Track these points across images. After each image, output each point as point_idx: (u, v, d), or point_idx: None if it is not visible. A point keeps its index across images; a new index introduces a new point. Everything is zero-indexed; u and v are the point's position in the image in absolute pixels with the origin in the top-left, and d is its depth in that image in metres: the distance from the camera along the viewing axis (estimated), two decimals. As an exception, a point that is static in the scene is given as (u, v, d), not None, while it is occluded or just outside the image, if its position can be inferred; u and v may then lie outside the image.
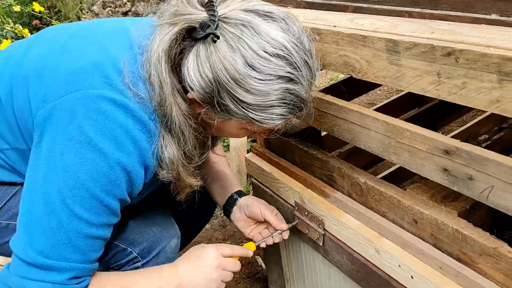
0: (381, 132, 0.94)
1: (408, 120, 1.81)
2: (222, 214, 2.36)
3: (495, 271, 0.84)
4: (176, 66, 0.87)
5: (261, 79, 0.82)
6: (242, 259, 1.12)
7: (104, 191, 0.87)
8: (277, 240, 1.25)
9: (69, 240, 0.87)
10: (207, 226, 2.30)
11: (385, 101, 1.79)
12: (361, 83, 1.66)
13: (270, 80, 0.83)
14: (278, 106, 0.86)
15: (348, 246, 1.14)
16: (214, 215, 2.38)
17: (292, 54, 0.83)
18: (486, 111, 2.07)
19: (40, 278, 0.87)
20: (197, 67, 0.84)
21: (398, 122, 0.90)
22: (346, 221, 1.12)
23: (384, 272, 1.04)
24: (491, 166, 0.75)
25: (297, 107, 0.88)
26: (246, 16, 0.83)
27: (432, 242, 0.95)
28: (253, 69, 0.82)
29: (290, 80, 0.84)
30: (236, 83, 0.83)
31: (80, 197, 0.86)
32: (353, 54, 0.93)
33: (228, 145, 2.77)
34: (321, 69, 1.06)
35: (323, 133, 1.62)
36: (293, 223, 1.27)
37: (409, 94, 1.96)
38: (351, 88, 1.66)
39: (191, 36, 0.85)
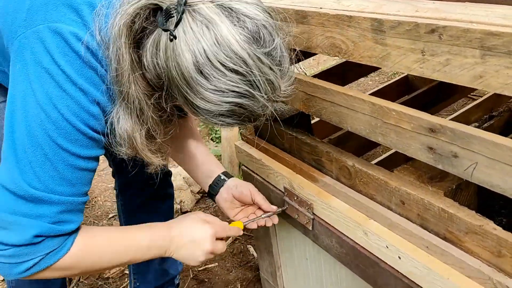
0: (368, 113, 0.94)
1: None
2: (214, 205, 2.37)
3: (481, 249, 0.84)
4: (138, 41, 0.83)
5: (212, 90, 0.78)
6: (233, 248, 1.13)
7: (87, 125, 0.87)
8: (264, 223, 1.25)
9: (57, 172, 0.86)
10: (199, 216, 2.30)
11: (375, 89, 1.79)
12: (351, 72, 1.67)
13: (222, 92, 0.78)
14: (228, 116, 0.82)
15: (337, 230, 1.14)
16: (205, 205, 2.40)
17: (252, 72, 0.77)
18: (477, 100, 2.09)
19: (30, 211, 0.86)
20: (154, 55, 0.81)
21: (384, 103, 0.90)
22: (334, 204, 1.13)
23: (372, 253, 1.04)
24: (475, 143, 0.75)
25: (248, 120, 0.84)
26: (214, 15, 0.76)
27: (419, 223, 0.96)
28: (205, 78, 0.77)
29: (244, 96, 0.79)
30: (187, 86, 0.79)
31: (64, 130, 0.85)
32: (339, 35, 0.93)
33: (220, 137, 2.77)
34: (311, 53, 1.07)
35: (313, 121, 1.62)
36: (283, 208, 1.27)
37: (398, 82, 1.97)
38: (340, 76, 1.67)
39: (156, 17, 0.80)
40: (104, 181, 2.69)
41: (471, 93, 2.69)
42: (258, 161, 1.40)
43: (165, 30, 0.77)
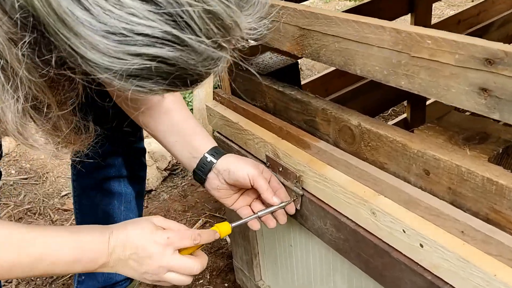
0: (388, 46, 0.68)
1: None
2: (183, 183, 2.10)
3: (542, 235, 0.60)
4: None
5: (104, 31, 0.47)
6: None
7: None
8: (270, 224, 0.95)
9: None
10: (165, 196, 2.04)
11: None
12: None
13: (122, 36, 0.47)
14: (145, 78, 0.51)
15: (334, 209, 0.89)
16: (173, 184, 2.12)
17: None
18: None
19: None
20: None
21: (415, 29, 0.64)
22: (331, 176, 0.88)
23: (381, 240, 0.80)
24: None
25: (183, 83, 0.53)
26: None
27: (449, 199, 0.71)
28: (86, 10, 0.46)
29: (165, 43, 0.48)
30: (63, 25, 0.48)
31: None
32: None
33: (192, 109, 2.50)
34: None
35: (303, 82, 1.38)
36: (287, 202, 0.95)
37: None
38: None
39: None
40: (59, 154, 2.39)
41: None
42: (234, 124, 1.13)
43: None
